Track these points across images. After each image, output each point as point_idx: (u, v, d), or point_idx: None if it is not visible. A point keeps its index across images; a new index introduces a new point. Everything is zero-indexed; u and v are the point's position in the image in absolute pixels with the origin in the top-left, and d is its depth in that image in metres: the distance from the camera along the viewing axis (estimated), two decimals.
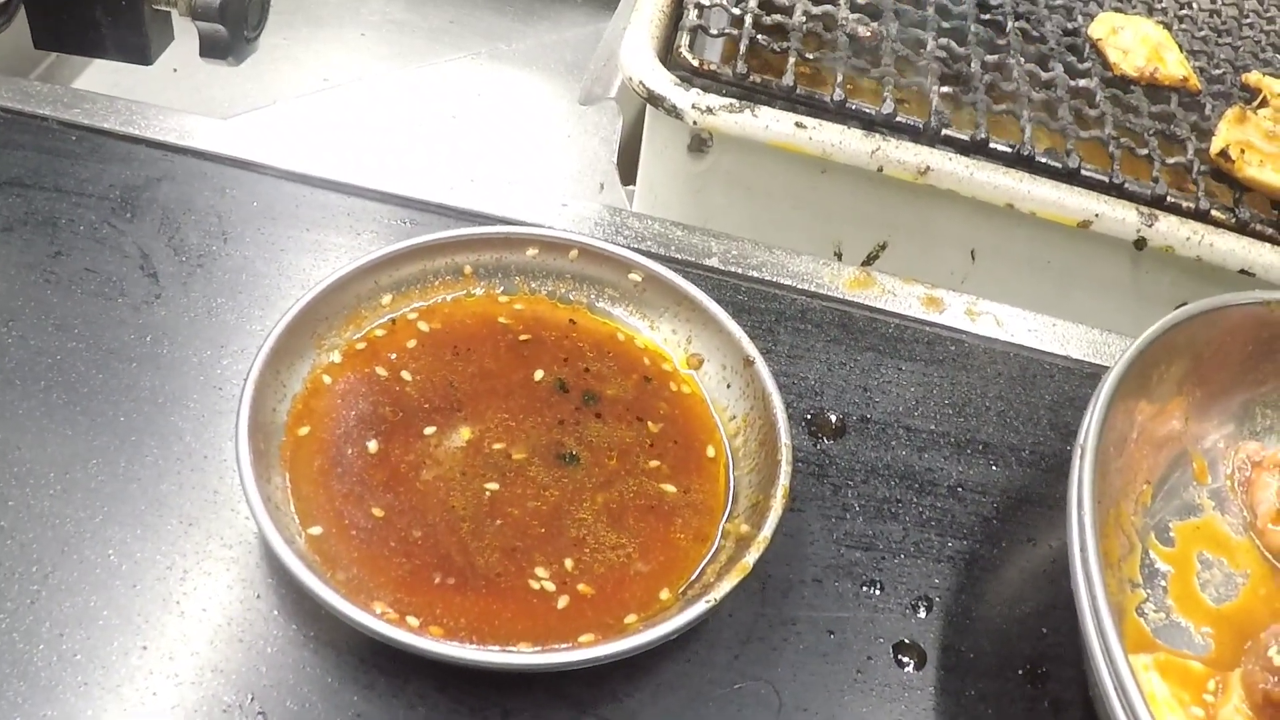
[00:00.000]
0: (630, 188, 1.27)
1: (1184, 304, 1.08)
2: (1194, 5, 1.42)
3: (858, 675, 0.74)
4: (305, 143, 1.01)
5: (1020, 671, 0.76)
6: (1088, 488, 0.69)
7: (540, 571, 0.71)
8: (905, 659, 0.75)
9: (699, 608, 0.67)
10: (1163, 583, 0.80)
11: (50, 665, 0.67)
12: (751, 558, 0.69)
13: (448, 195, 0.99)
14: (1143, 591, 0.79)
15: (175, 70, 1.40)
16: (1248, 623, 0.79)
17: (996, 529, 0.84)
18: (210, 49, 1.12)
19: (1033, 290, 1.13)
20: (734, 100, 1.05)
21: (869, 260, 1.15)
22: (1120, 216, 1.05)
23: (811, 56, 1.12)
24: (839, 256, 1.15)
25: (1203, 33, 1.38)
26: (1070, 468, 0.71)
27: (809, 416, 0.88)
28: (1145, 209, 1.06)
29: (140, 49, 1.11)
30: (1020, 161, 1.06)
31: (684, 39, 1.10)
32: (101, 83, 1.50)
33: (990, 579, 0.81)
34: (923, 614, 0.78)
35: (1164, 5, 1.40)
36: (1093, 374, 0.95)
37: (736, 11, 1.15)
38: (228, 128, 1.01)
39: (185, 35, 1.13)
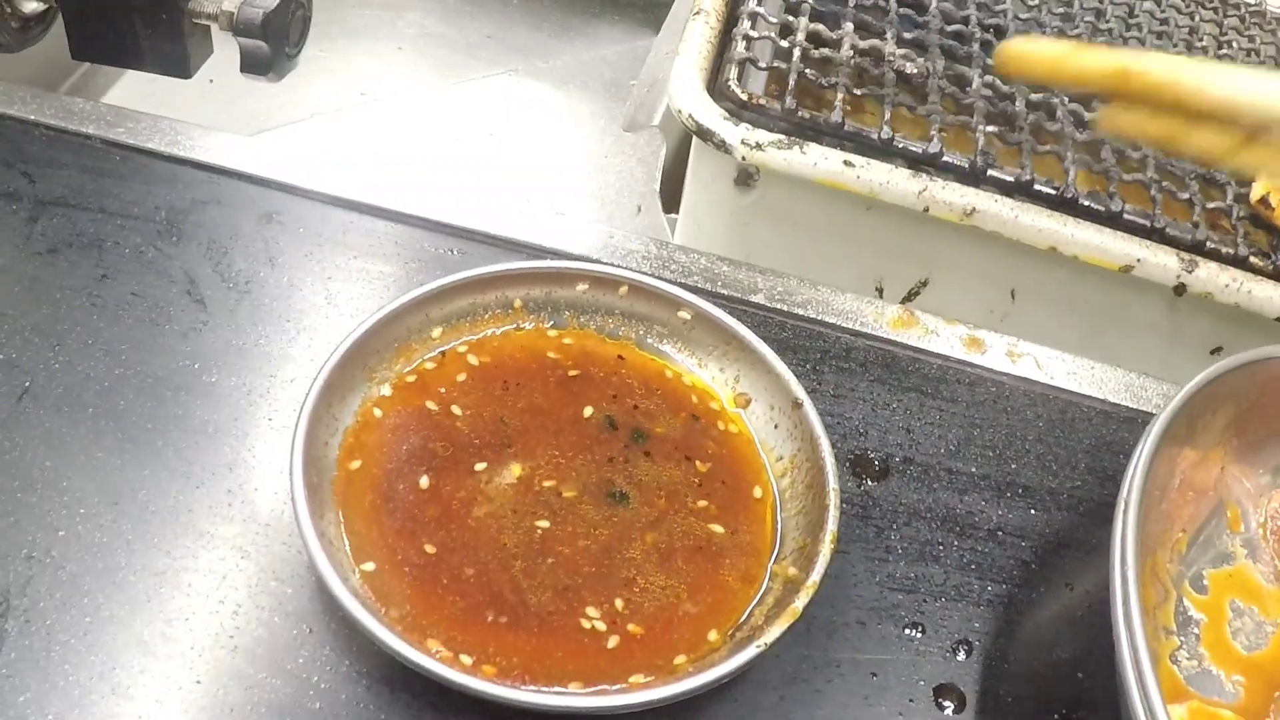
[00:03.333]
0: (672, 216, 1.27)
1: (1219, 349, 1.09)
2: (1233, 45, 1.42)
3: (900, 718, 0.74)
4: (351, 166, 1.01)
5: (1056, 716, 0.76)
6: (1131, 541, 0.69)
7: (591, 611, 0.71)
8: (945, 702, 0.76)
9: (750, 652, 0.67)
10: (1196, 630, 0.80)
11: (104, 699, 0.67)
12: (801, 602, 0.70)
13: (495, 225, 0.99)
14: (1176, 639, 0.79)
15: (211, 81, 1.40)
16: (1278, 671, 0.79)
17: (1035, 573, 0.84)
18: (251, 65, 1.12)
19: (1069, 330, 1.13)
20: (783, 136, 1.05)
21: (909, 297, 1.15)
22: (1161, 262, 1.05)
23: (859, 92, 1.12)
24: (880, 292, 1.16)
25: None
26: (1114, 519, 0.71)
27: (853, 457, 0.88)
28: (1186, 255, 1.06)
29: (179, 61, 1.11)
30: (1064, 204, 1.06)
31: (732, 71, 1.10)
32: (136, 93, 1.50)
33: (1028, 623, 0.81)
34: (963, 657, 0.78)
35: (1204, 44, 1.40)
36: (1129, 418, 0.96)
37: (784, 44, 1.15)
38: (273, 149, 1.01)
39: (222, 47, 1.13)
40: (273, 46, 1.09)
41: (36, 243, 0.91)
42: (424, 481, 0.75)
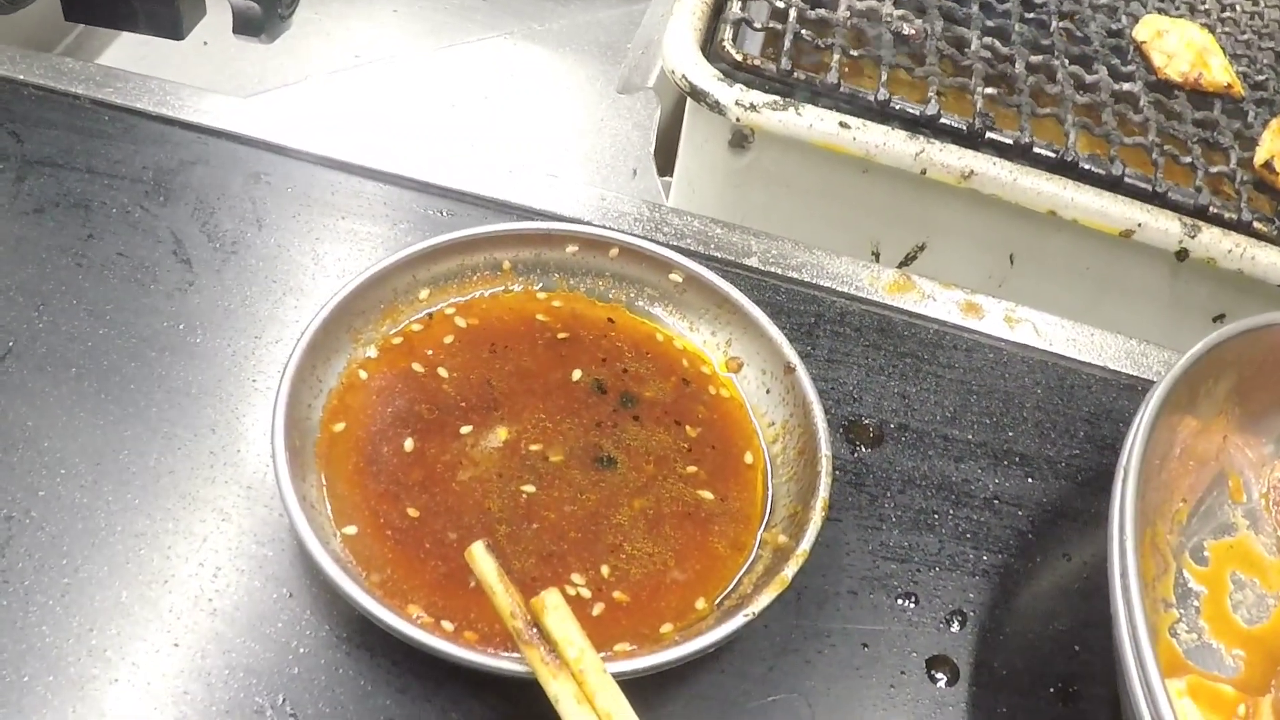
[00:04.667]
0: (666, 179, 1.26)
1: (1221, 316, 1.08)
2: (1237, 7, 1.41)
3: (890, 689, 0.73)
4: (341, 128, 1.00)
5: (1052, 690, 0.75)
6: (1130, 511, 0.68)
7: (576, 578, 0.70)
8: (938, 674, 0.75)
9: (738, 621, 0.66)
10: (1196, 603, 0.79)
11: (80, 660, 0.67)
12: (790, 571, 0.69)
13: (486, 186, 0.98)
14: (1176, 612, 0.78)
15: (205, 44, 1.39)
16: (1278, 645, 0.78)
17: (1031, 543, 0.83)
18: (244, 26, 1.11)
19: (1069, 295, 1.12)
20: (778, 98, 1.04)
21: (907, 261, 1.14)
22: (1163, 227, 1.04)
23: (855, 53, 1.10)
24: (876, 256, 1.14)
25: (1245, 35, 1.36)
26: (1113, 488, 0.70)
27: (847, 423, 0.87)
28: (1188, 220, 1.04)
29: (172, 23, 1.10)
30: (1064, 167, 1.05)
31: (727, 32, 1.08)
32: (129, 55, 1.49)
33: (1024, 594, 0.80)
34: (956, 628, 0.77)
35: (1206, 6, 1.39)
36: (1129, 385, 0.95)
37: (780, 4, 1.13)
38: (263, 110, 1.00)
39: (215, 8, 1.12)
40: (265, 8, 1.08)
41: (23, 202, 0.90)
42: (408, 445, 0.74)
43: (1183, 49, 1.22)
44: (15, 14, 1.12)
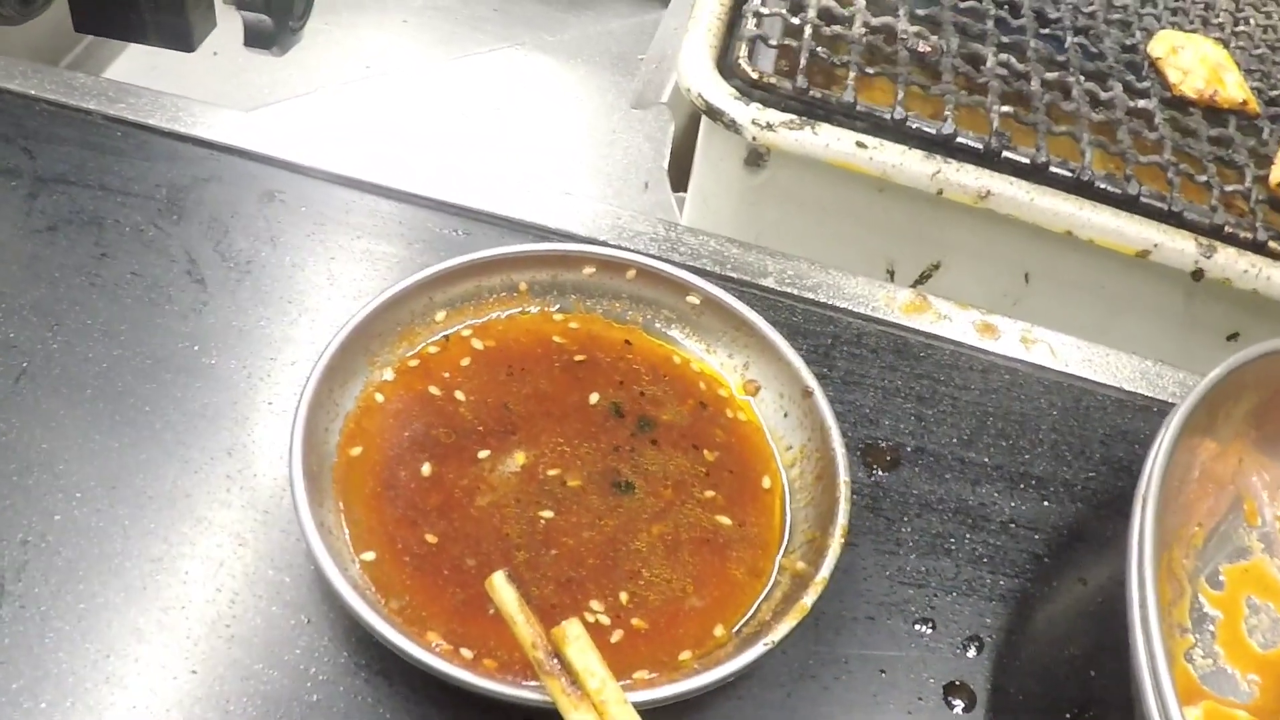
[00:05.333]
0: (680, 195, 1.26)
1: (1235, 335, 1.08)
2: (1250, 21, 1.40)
3: (908, 716, 0.73)
4: (354, 142, 1.00)
5: (1068, 715, 0.75)
6: (1149, 536, 0.68)
7: (595, 604, 0.70)
8: (955, 700, 0.74)
9: (757, 650, 0.66)
10: (1211, 628, 0.79)
11: (97, 687, 0.66)
12: (810, 599, 0.68)
13: (500, 204, 0.97)
14: (1191, 637, 0.78)
15: (215, 55, 1.39)
16: None
17: (1048, 567, 0.83)
18: (254, 38, 1.11)
19: (1083, 314, 1.11)
20: (794, 116, 1.03)
21: (922, 279, 1.14)
22: (1179, 247, 1.03)
23: (871, 71, 1.10)
24: (891, 275, 1.14)
25: (1259, 50, 1.36)
26: (1131, 513, 0.70)
27: (863, 446, 0.86)
28: (1204, 240, 1.04)
29: (182, 35, 1.10)
30: (1080, 187, 1.04)
31: (742, 49, 1.08)
32: (139, 67, 1.49)
33: (1040, 619, 0.80)
34: (973, 654, 0.77)
35: (1220, 20, 1.38)
36: (1144, 406, 0.94)
37: (795, 21, 1.13)
38: (276, 126, 1.00)
39: (225, 19, 1.12)
40: (276, 20, 1.08)
41: (36, 220, 0.90)
42: (426, 469, 0.74)
43: (1197, 65, 1.22)
44: (24, 25, 1.12)
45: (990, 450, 0.88)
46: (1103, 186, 1.05)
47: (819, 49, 1.10)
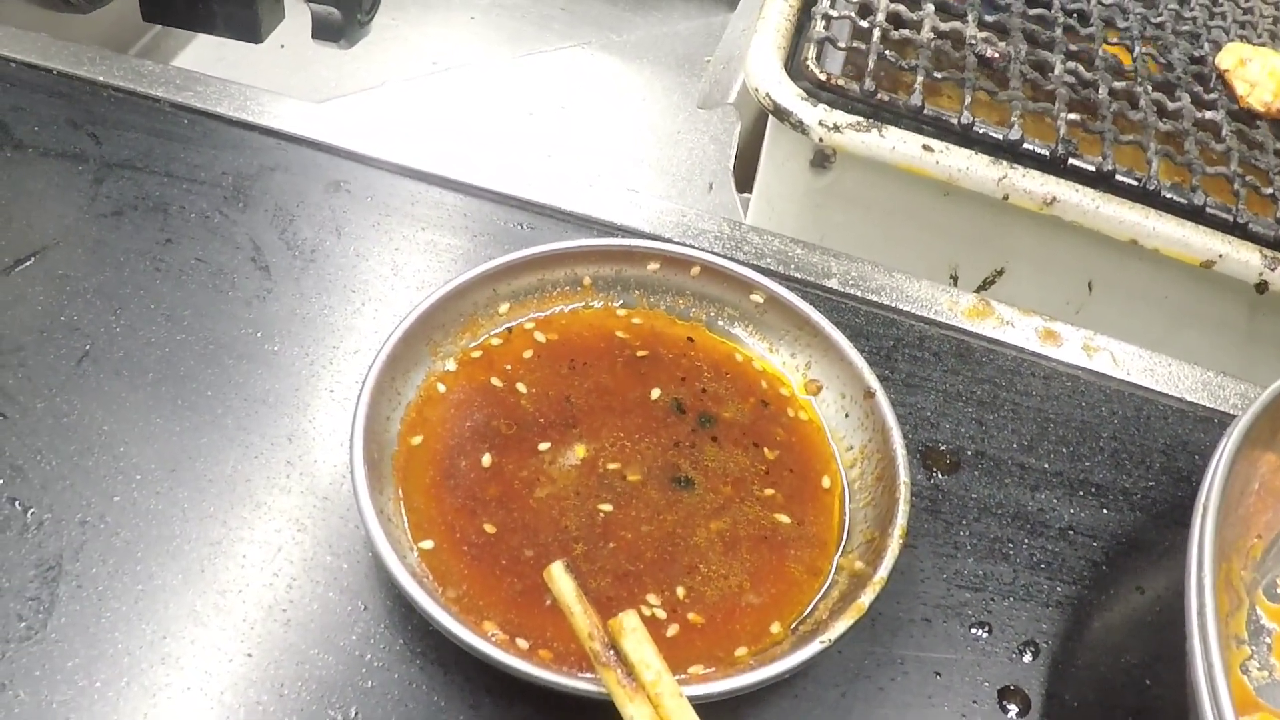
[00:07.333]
0: (745, 195, 1.26)
1: None
2: None
3: (961, 719, 0.73)
4: (420, 136, 1.00)
5: None
6: (1209, 547, 0.67)
7: (652, 598, 0.69)
8: (1010, 705, 0.74)
9: (814, 647, 0.65)
10: (1268, 640, 0.78)
11: (153, 667, 0.67)
12: (867, 599, 0.68)
13: (565, 200, 0.97)
14: (1248, 648, 0.77)
15: (282, 47, 1.39)
16: None
17: (1106, 575, 0.82)
18: (322, 31, 1.12)
19: (1146, 324, 1.11)
20: (861, 119, 1.03)
21: (985, 285, 1.13)
22: (1244, 259, 1.03)
23: (939, 75, 1.09)
24: (955, 279, 1.14)
25: None
26: (1191, 523, 0.69)
27: (924, 449, 0.86)
28: (1269, 252, 1.03)
29: (251, 26, 1.11)
30: (1146, 196, 1.04)
31: (810, 51, 1.08)
32: (206, 57, 1.50)
33: (1097, 626, 0.79)
34: (1029, 659, 0.76)
35: None
36: (1205, 417, 0.94)
37: (864, 24, 1.13)
38: (343, 118, 1.00)
39: (293, 12, 1.13)
40: (345, 13, 1.09)
41: (102, 204, 0.91)
42: (486, 460, 0.74)
43: (1265, 78, 1.21)
44: (92, 14, 1.12)
45: (1050, 457, 0.88)
46: (1168, 196, 1.04)
47: (887, 52, 1.10)
